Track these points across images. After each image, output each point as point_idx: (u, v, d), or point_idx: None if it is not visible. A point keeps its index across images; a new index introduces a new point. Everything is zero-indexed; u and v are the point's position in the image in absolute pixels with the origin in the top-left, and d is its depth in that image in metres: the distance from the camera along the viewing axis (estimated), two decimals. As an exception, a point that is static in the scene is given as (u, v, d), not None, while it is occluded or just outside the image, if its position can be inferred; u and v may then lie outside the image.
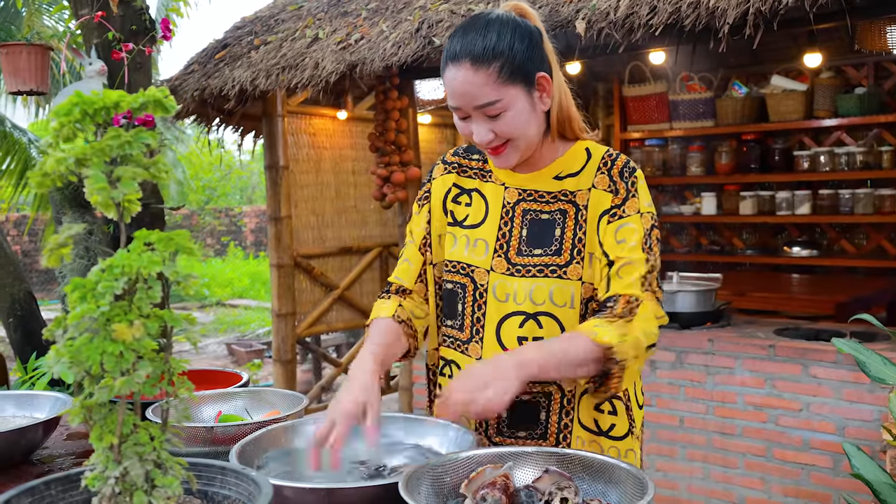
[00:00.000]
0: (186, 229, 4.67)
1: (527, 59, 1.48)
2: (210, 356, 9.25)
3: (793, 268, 5.96)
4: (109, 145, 0.82)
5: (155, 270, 0.81)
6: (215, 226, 16.22)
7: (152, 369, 0.85)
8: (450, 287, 1.66)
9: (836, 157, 5.63)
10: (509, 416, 1.60)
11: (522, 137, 1.52)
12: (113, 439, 0.84)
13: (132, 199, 0.92)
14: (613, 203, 1.55)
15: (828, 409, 3.08)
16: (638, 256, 1.51)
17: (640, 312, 1.48)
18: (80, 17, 4.07)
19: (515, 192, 1.63)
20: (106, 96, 0.84)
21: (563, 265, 1.56)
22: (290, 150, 5.26)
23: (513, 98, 1.48)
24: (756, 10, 2.47)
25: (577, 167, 1.60)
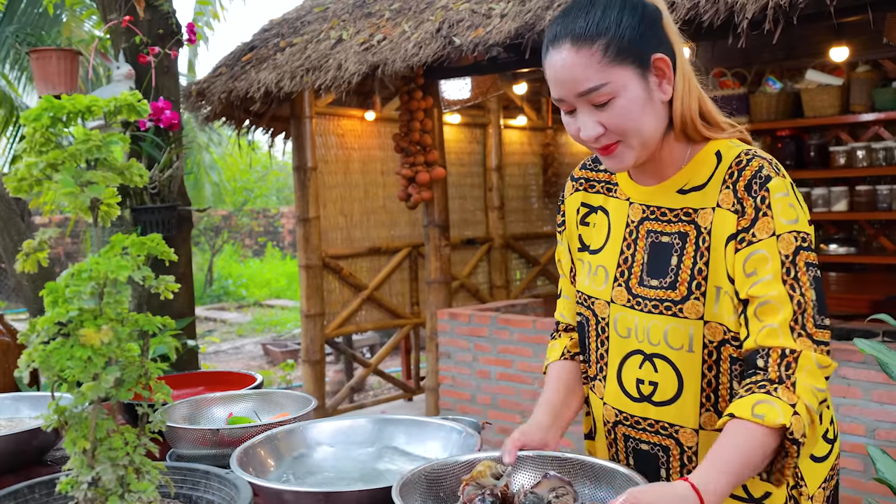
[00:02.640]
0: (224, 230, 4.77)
1: (639, 36, 1.23)
2: (246, 356, 9.34)
3: (830, 266, 5.84)
4: (79, 150, 0.82)
5: (123, 275, 0.81)
6: (253, 227, 16.38)
7: (124, 374, 0.85)
8: (578, 320, 1.48)
9: (874, 153, 5.50)
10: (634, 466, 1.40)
11: (636, 133, 1.26)
12: (86, 444, 0.84)
13: (111, 202, 0.93)
14: (740, 226, 1.25)
15: (857, 410, 3.00)
16: (777, 293, 1.20)
17: (800, 366, 1.17)
18: (109, 22, 4.13)
19: (640, 209, 1.38)
20: (77, 101, 0.84)
21: (679, 301, 1.29)
22: (319, 151, 5.29)
23: (623, 81, 1.23)
24: (775, 5, 2.42)
25: (703, 178, 1.31)
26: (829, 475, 1.38)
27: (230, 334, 10.72)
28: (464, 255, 6.27)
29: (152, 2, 4.12)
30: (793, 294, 1.20)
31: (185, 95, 4.76)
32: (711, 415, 1.31)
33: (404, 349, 6.47)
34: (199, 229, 13.88)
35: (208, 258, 13.99)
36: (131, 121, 3.35)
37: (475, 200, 6.44)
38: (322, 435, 1.57)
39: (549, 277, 6.92)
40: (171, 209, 3.90)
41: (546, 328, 3.79)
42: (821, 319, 1.22)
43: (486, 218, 6.48)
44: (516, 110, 6.55)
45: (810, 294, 1.22)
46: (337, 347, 5.96)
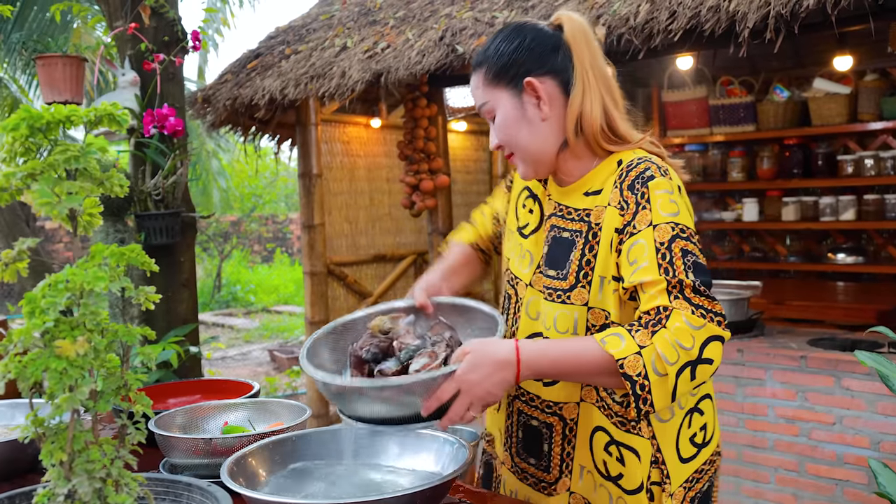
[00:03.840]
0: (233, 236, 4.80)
1: (512, 62, 1.44)
2: (253, 362, 9.34)
3: (838, 275, 5.81)
4: (57, 160, 0.82)
5: (99, 286, 0.80)
6: (262, 233, 16.41)
7: (103, 385, 0.84)
8: (504, 296, 1.67)
9: (882, 162, 5.47)
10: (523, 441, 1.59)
11: (516, 146, 1.47)
12: (62, 456, 0.83)
13: (93, 212, 0.92)
14: (624, 221, 1.37)
15: (861, 422, 2.98)
16: (653, 278, 1.29)
17: (670, 321, 1.25)
18: (115, 29, 4.15)
19: (552, 206, 1.55)
20: (56, 111, 0.84)
21: (567, 290, 1.44)
22: (324, 159, 5.29)
23: (498, 101, 1.46)
24: (776, 14, 2.41)
25: (601, 184, 1.46)
26: (693, 477, 1.47)
27: (237, 340, 10.72)
28: (469, 263, 6.26)
29: (158, 9, 4.13)
30: (668, 277, 1.30)
31: (191, 102, 4.77)
32: (591, 389, 1.47)
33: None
34: (208, 235, 13.92)
35: (217, 264, 14.01)
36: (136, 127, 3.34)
37: (481, 208, 6.44)
38: (314, 445, 1.56)
39: (555, 285, 6.91)
40: (174, 216, 3.90)
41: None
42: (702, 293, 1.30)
43: (492, 225, 6.48)
44: (523, 118, 6.55)
45: (686, 275, 1.30)
46: (342, 355, 5.95)
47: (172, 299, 3.99)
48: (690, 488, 1.47)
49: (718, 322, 1.28)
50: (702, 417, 1.49)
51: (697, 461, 1.48)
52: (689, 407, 1.48)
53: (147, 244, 3.86)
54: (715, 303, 1.30)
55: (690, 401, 1.48)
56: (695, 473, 1.48)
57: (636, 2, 2.87)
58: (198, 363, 3.97)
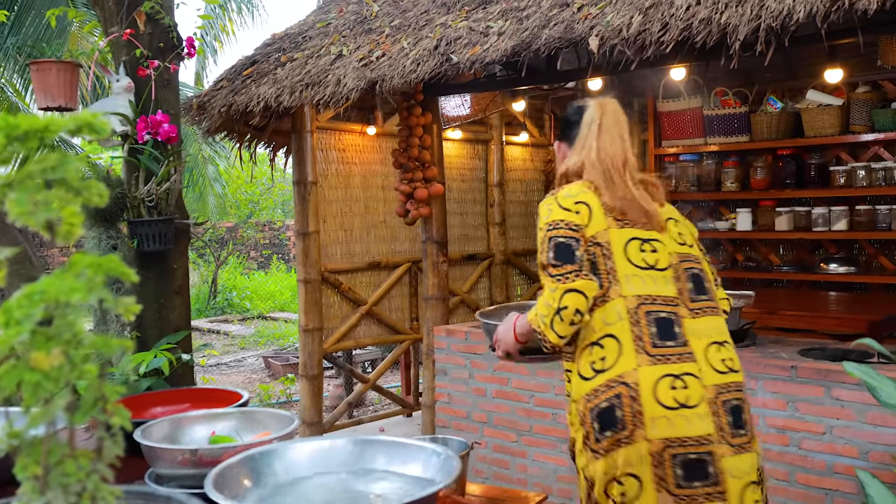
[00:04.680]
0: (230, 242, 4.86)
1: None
2: (248, 369, 9.33)
3: (830, 285, 5.82)
4: (34, 170, 0.82)
5: (76, 297, 0.80)
6: (258, 239, 16.40)
7: (80, 397, 0.84)
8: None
9: (874, 173, 5.49)
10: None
11: None
12: (37, 470, 0.83)
13: (73, 222, 0.92)
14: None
15: (851, 432, 2.98)
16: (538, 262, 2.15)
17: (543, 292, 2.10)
18: (110, 35, 4.16)
19: None
20: (34, 121, 0.84)
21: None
22: (319, 166, 5.29)
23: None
24: (767, 27, 2.42)
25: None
26: (592, 393, 2.06)
27: (232, 347, 10.71)
28: (464, 271, 6.26)
29: (153, 16, 4.14)
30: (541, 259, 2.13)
31: (186, 109, 4.77)
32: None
33: (404, 365, 6.45)
34: (204, 241, 13.90)
35: (213, 270, 14.00)
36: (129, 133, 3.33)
37: (476, 216, 6.44)
38: (301, 456, 1.56)
39: (549, 294, 6.90)
40: (168, 222, 3.91)
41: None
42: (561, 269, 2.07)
43: (487, 234, 6.48)
44: (518, 127, 6.55)
45: (547, 257, 2.10)
46: (335, 362, 5.95)
47: (165, 306, 3.99)
48: (590, 400, 2.06)
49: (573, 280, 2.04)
50: (602, 350, 2.07)
51: (594, 382, 2.06)
52: (589, 341, 2.09)
53: (140, 251, 3.86)
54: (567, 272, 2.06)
55: (592, 337, 2.08)
56: (593, 390, 2.06)
57: (629, 13, 2.89)
58: (190, 371, 3.97)
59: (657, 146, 6.62)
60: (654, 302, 2.08)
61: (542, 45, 3.16)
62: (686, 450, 1.98)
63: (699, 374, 2.03)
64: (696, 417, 2.00)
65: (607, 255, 2.10)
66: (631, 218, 2.15)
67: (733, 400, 2.05)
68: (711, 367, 2.05)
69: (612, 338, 2.05)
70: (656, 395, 1.99)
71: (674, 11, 2.76)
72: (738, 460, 2.01)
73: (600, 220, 2.12)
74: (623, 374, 2.01)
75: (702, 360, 2.05)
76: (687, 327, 2.08)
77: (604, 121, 2.19)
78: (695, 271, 2.18)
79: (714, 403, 2.02)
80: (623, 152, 2.19)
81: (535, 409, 3.77)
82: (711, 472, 1.98)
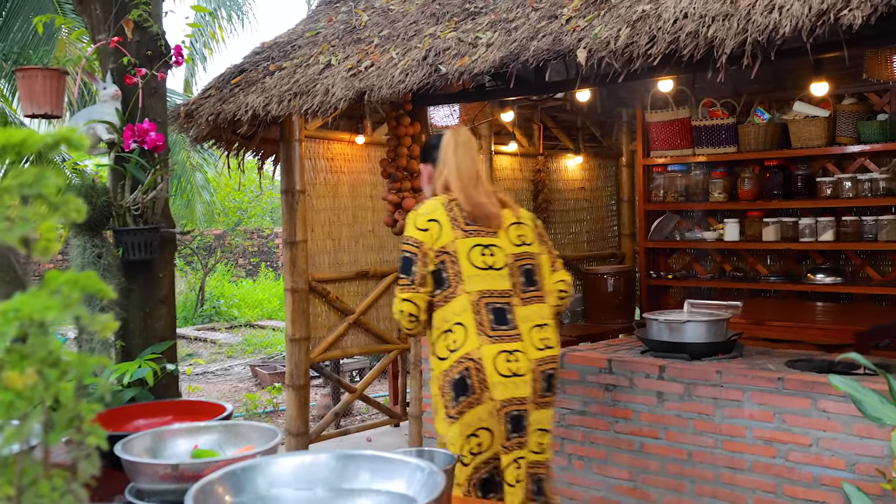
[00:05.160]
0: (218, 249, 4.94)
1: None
2: (235, 378, 9.28)
3: (817, 295, 5.85)
4: (11, 185, 0.81)
5: (50, 315, 0.79)
6: (246, 247, 16.35)
7: (54, 417, 0.83)
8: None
9: (860, 184, 5.52)
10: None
11: None
12: (10, 490, 0.82)
13: (50, 237, 0.91)
14: None
15: (837, 444, 2.98)
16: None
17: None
18: (97, 42, 4.14)
19: None
20: (10, 135, 0.83)
21: None
22: (308, 175, 5.27)
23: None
24: (753, 41, 2.43)
25: None
26: (447, 370, 2.70)
27: (219, 355, 10.65)
28: (452, 280, 6.25)
29: (141, 23, 4.13)
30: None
31: (174, 117, 4.75)
32: None
33: (392, 374, 6.43)
34: (192, 249, 13.85)
35: (200, 278, 13.94)
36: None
37: (464, 225, 6.43)
38: (283, 471, 1.54)
39: (538, 303, 6.90)
40: (153, 231, 3.88)
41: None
42: (402, 281, 2.75)
43: (475, 243, 6.46)
44: (508, 136, 6.56)
45: (398, 264, 2.76)
46: (322, 372, 5.92)
47: (150, 315, 3.96)
48: (447, 375, 2.69)
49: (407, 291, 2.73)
50: (453, 335, 2.70)
51: (449, 361, 2.69)
52: (443, 329, 2.72)
53: (125, 260, 3.84)
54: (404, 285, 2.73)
55: (444, 326, 2.72)
56: (449, 367, 2.69)
57: (616, 26, 2.89)
58: (175, 381, 3.94)
59: (645, 156, 6.64)
60: (492, 295, 2.73)
61: (531, 56, 3.17)
62: (513, 408, 2.70)
63: (525, 350, 2.71)
64: (522, 383, 2.70)
65: (454, 261, 2.72)
66: (479, 223, 2.78)
67: (549, 370, 2.78)
68: (533, 345, 2.74)
69: (461, 325, 2.70)
70: (496, 367, 2.66)
71: (661, 25, 2.76)
72: (539, 414, 2.78)
73: (448, 233, 2.74)
74: (469, 352, 2.67)
75: (527, 340, 2.73)
76: (517, 314, 2.75)
77: (458, 145, 2.82)
78: (528, 267, 2.84)
79: (535, 372, 2.73)
80: (475, 168, 2.83)
81: (523, 420, 3.76)
82: (524, 425, 2.73)
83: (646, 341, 3.65)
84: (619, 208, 7.53)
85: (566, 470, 3.66)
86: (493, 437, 2.68)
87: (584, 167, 7.25)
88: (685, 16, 2.77)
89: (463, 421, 2.66)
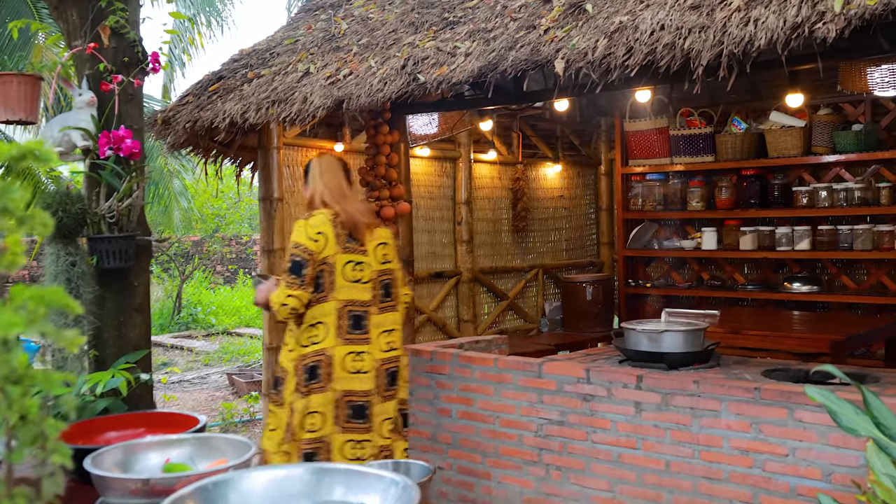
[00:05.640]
0: (195, 256, 5.16)
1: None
2: (211, 387, 9.20)
3: (794, 304, 5.89)
4: (-25, 201, 0.79)
5: (13, 333, 0.77)
6: (224, 253, 16.24)
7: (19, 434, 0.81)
8: None
9: (835, 193, 5.57)
10: None
11: None
12: (-29, 509, 0.80)
13: (16, 251, 0.89)
14: None
15: (814, 454, 2.99)
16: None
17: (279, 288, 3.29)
18: (73, 48, 4.10)
19: None
20: (-25, 150, 0.81)
21: None
22: (286, 182, 5.25)
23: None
24: (729, 53, 2.44)
25: None
26: (306, 355, 3.30)
27: (196, 363, 10.56)
28: (431, 289, 6.24)
29: (118, 30, 4.09)
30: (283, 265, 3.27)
31: (150, 123, 4.71)
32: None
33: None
34: (169, 255, 13.74)
35: (177, 285, 13.82)
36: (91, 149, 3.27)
37: (444, 234, 6.43)
38: (256, 485, 1.52)
39: (517, 312, 6.90)
40: (128, 239, 3.84)
41: (508, 367, 3.76)
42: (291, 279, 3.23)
43: (454, 251, 6.47)
44: (487, 144, 6.57)
45: (287, 264, 3.26)
46: (300, 380, 5.88)
47: (124, 324, 3.92)
48: (304, 360, 3.31)
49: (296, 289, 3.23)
50: (316, 330, 3.30)
51: (308, 350, 3.31)
52: (311, 323, 3.30)
53: (99, 268, 3.79)
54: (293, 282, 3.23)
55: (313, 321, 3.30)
56: (307, 354, 3.31)
57: (594, 37, 2.90)
58: (149, 391, 3.90)
59: (624, 165, 6.67)
60: (354, 304, 3.35)
61: (509, 66, 3.17)
62: (356, 398, 3.32)
63: (371, 352, 3.36)
64: (366, 378, 3.34)
65: (331, 272, 3.31)
66: (355, 235, 3.36)
67: (392, 368, 3.43)
68: (379, 347, 3.39)
69: (324, 325, 3.32)
70: (343, 365, 3.31)
71: (638, 36, 2.77)
72: (383, 405, 3.40)
73: (332, 247, 3.30)
74: (325, 349, 3.31)
75: (374, 343, 3.37)
76: (372, 321, 3.38)
77: (323, 169, 3.49)
78: (387, 282, 3.46)
79: (378, 370, 3.37)
80: (340, 185, 3.46)
81: (501, 430, 3.75)
82: (367, 414, 3.35)
83: (623, 351, 3.65)
84: (597, 217, 7.56)
85: (544, 480, 3.65)
86: (324, 422, 3.30)
87: (563, 176, 7.28)
88: (662, 27, 2.78)
89: (308, 399, 3.28)
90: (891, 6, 2.33)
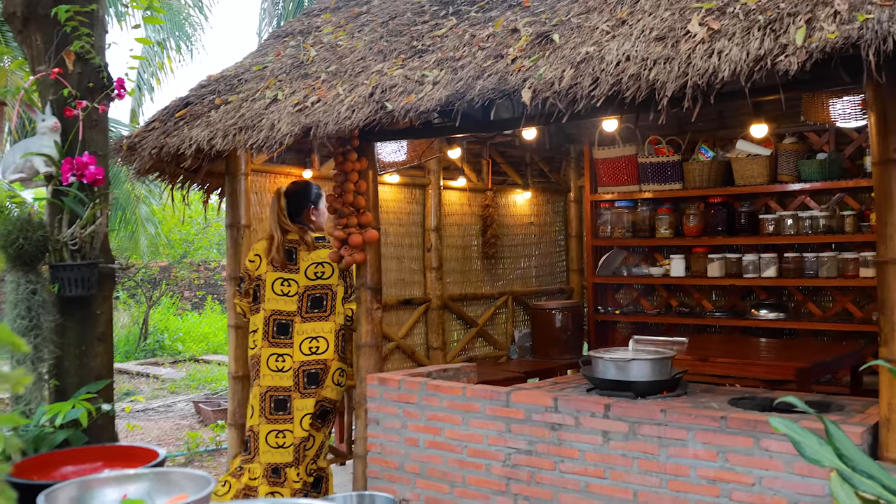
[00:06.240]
0: (163, 282, 5.12)
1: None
2: (177, 415, 9.05)
3: (761, 331, 5.94)
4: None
5: (-49, 376, 0.74)
6: (192, 279, 16.07)
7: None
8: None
9: (801, 221, 5.65)
10: None
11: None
12: None
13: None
14: None
15: (780, 483, 3.00)
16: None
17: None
18: (37, 73, 4.05)
19: None
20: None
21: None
22: (253, 209, 5.21)
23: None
24: (693, 84, 2.47)
25: None
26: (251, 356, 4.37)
27: (162, 391, 10.40)
28: (400, 316, 6.21)
29: (83, 55, 4.06)
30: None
31: (116, 149, 4.66)
32: None
33: (338, 412, 6.32)
34: (136, 281, 13.57)
35: (144, 311, 13.64)
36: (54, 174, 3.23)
37: (413, 261, 6.40)
38: (214, 522, 1.49)
39: (487, 339, 6.88)
40: (91, 266, 3.79)
41: (476, 395, 3.74)
42: (238, 288, 4.45)
43: (424, 278, 6.44)
44: (456, 171, 6.58)
45: (238, 279, 4.49)
46: (267, 409, 5.79)
47: (86, 353, 3.84)
48: (251, 359, 4.31)
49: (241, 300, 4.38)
50: (254, 336, 4.29)
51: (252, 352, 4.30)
52: (251, 329, 4.36)
53: (61, 296, 3.73)
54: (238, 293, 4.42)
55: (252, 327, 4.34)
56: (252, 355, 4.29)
57: (561, 67, 2.92)
58: (111, 421, 3.82)
59: (593, 192, 6.72)
60: (280, 314, 4.23)
61: (477, 95, 3.18)
62: (277, 394, 4.16)
63: (293, 354, 4.19)
64: (286, 377, 4.18)
65: (263, 287, 4.26)
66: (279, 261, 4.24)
67: (311, 370, 4.18)
68: (301, 351, 4.19)
69: (257, 331, 4.25)
70: (268, 364, 4.18)
71: (604, 67, 2.80)
72: (302, 401, 4.16)
73: (264, 266, 4.29)
74: (257, 352, 4.22)
75: (296, 347, 4.19)
76: (296, 328, 4.22)
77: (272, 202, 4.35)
78: (316, 295, 4.28)
79: (297, 371, 4.17)
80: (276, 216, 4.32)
81: (468, 459, 3.72)
82: (288, 407, 4.14)
83: (591, 379, 3.64)
84: (567, 243, 7.58)
85: (513, 510, 3.62)
86: (254, 412, 4.19)
87: (532, 202, 7.30)
88: (627, 58, 2.80)
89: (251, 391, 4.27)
90: (850, 40, 2.37)
